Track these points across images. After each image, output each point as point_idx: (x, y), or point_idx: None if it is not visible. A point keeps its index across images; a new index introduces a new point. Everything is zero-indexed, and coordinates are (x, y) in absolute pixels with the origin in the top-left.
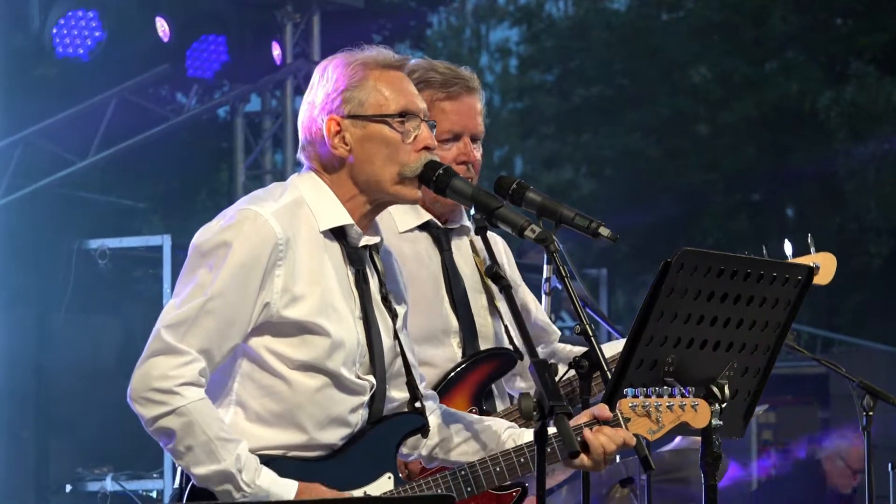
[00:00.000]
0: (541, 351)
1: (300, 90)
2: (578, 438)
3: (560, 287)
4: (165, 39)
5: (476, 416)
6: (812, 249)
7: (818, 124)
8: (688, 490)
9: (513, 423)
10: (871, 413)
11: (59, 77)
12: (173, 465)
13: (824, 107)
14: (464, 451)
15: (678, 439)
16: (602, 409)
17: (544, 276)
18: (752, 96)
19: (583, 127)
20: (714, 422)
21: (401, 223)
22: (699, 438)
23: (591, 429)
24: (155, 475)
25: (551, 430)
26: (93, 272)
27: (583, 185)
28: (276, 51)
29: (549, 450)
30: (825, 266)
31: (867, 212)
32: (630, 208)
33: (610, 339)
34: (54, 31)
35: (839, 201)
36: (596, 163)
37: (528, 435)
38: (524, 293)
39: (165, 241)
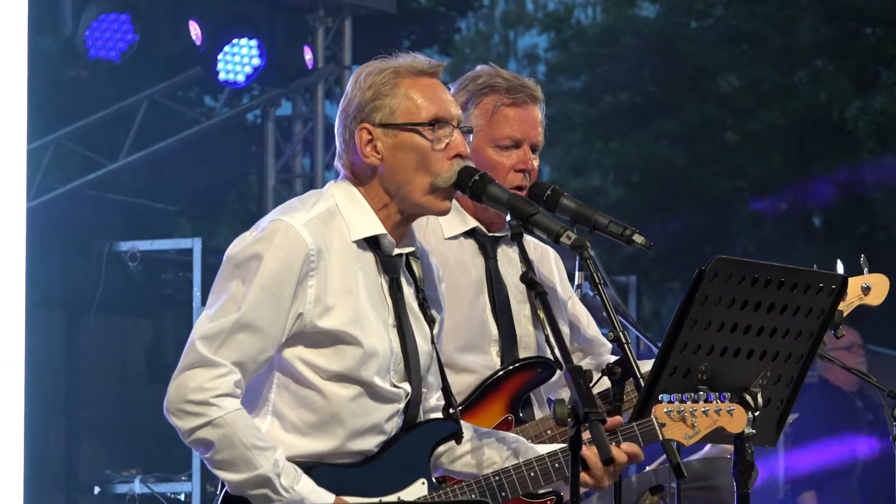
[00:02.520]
0: (588, 362)
1: (331, 94)
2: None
3: (591, 294)
4: (198, 43)
5: (485, 430)
6: (865, 270)
7: (846, 133)
8: (718, 498)
9: (519, 437)
10: None
11: (90, 79)
12: (202, 468)
13: (853, 116)
14: (466, 463)
15: (708, 447)
16: (613, 422)
17: (576, 282)
18: (780, 105)
19: (610, 134)
20: (747, 430)
21: (447, 229)
22: (730, 447)
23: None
24: (183, 478)
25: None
26: (123, 274)
27: (610, 191)
28: (308, 55)
29: (556, 466)
30: (877, 287)
31: (895, 221)
32: (657, 215)
33: (639, 345)
34: (87, 33)
35: (866, 211)
36: (623, 170)
37: (532, 450)
38: (575, 306)
39: (196, 245)
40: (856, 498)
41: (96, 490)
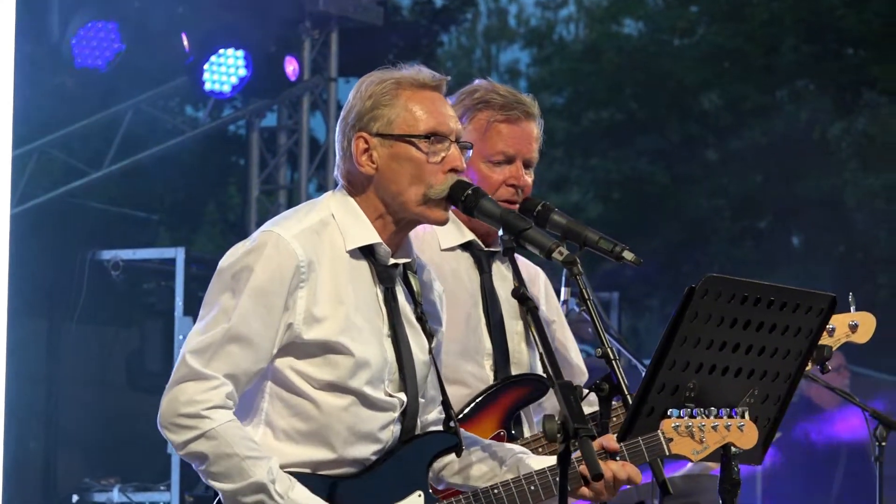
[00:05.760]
0: None
1: (316, 106)
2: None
3: (578, 310)
4: (187, 51)
5: (488, 442)
6: (852, 308)
7: (828, 153)
8: None
9: (524, 449)
10: (883, 443)
11: (75, 87)
12: (181, 477)
13: (835, 137)
14: (467, 476)
15: (690, 464)
16: (610, 441)
17: (562, 298)
18: (761, 124)
19: (591, 150)
20: (733, 448)
21: (444, 240)
22: (712, 464)
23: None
24: (162, 487)
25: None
26: (105, 283)
27: (590, 208)
28: (290, 66)
29: (556, 479)
30: (864, 325)
31: (875, 242)
32: (636, 233)
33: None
34: (73, 41)
35: (847, 230)
36: (603, 186)
37: (535, 462)
38: (563, 330)
39: (179, 254)
40: None
41: (75, 499)
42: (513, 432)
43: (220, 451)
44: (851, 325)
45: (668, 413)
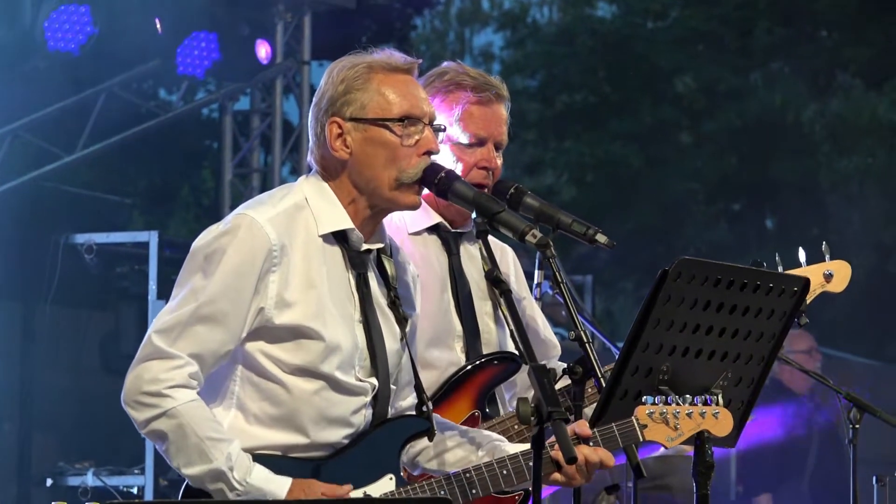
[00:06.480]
0: None
1: (289, 90)
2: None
3: (552, 293)
4: (160, 34)
5: (464, 428)
6: (827, 257)
7: (801, 136)
8: (672, 497)
9: (500, 437)
10: (857, 426)
11: (48, 71)
12: (155, 461)
13: (809, 119)
14: (442, 461)
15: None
16: (582, 427)
17: (535, 281)
18: (735, 106)
19: (565, 133)
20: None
21: (411, 224)
22: (685, 447)
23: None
24: (136, 471)
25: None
26: (78, 267)
27: (563, 191)
28: (263, 50)
29: (529, 464)
30: (839, 273)
31: (849, 224)
32: (611, 216)
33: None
34: (46, 24)
35: (821, 213)
36: (577, 169)
37: (510, 448)
38: (533, 307)
39: (152, 238)
40: (806, 500)
41: (49, 482)
42: (487, 411)
43: (180, 430)
44: (826, 275)
45: (643, 399)
